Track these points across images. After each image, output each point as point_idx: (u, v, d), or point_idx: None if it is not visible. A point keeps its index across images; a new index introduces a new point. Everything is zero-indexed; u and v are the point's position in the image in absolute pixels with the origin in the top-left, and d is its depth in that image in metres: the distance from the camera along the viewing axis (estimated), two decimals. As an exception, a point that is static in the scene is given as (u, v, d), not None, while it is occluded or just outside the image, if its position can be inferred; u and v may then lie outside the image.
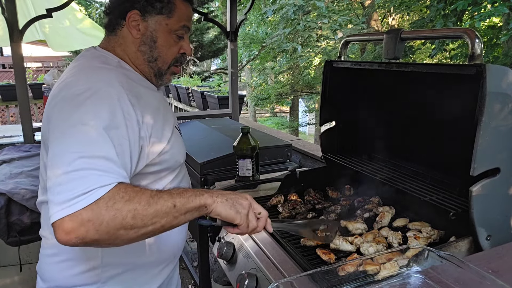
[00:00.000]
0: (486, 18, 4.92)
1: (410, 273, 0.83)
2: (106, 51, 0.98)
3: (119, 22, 0.97)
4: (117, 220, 0.71)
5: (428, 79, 1.18)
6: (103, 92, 0.82)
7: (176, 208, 0.76)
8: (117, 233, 0.72)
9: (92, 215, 0.69)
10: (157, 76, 1.01)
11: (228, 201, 0.82)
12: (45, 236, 0.97)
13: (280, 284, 0.75)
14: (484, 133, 0.89)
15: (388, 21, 9.68)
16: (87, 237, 0.69)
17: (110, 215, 0.70)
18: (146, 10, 0.94)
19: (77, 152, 0.73)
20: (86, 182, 0.71)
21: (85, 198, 0.70)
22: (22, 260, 1.88)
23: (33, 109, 5.39)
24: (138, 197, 0.74)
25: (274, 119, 15.88)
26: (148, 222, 0.74)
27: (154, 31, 0.96)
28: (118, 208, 0.71)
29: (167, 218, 0.76)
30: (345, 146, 1.53)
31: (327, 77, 1.44)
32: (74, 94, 0.81)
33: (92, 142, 0.76)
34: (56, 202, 0.70)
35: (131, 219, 0.72)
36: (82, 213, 0.69)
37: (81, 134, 0.76)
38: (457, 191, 1.12)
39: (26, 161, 1.97)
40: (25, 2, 4.69)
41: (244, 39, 10.17)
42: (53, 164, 0.74)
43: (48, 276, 0.95)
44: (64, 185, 0.71)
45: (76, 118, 0.77)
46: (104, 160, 0.75)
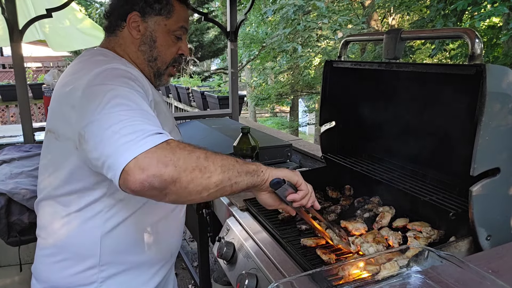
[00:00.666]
0: (486, 18, 4.92)
1: (410, 273, 0.83)
2: (107, 50, 1.01)
3: (120, 24, 0.99)
4: (192, 158, 0.69)
5: (428, 79, 1.18)
6: (124, 70, 0.85)
7: (238, 163, 0.77)
8: (192, 174, 0.68)
9: (168, 152, 0.67)
10: (156, 77, 1.04)
11: (278, 168, 0.87)
12: (41, 236, 0.96)
13: (280, 284, 0.75)
14: (484, 133, 0.89)
15: (388, 21, 9.68)
16: (165, 173, 0.66)
17: (185, 152, 0.69)
18: (145, 11, 0.97)
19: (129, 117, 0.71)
20: (149, 128, 0.70)
21: (155, 139, 0.68)
22: (22, 260, 1.88)
23: (33, 109, 5.39)
24: (197, 146, 0.75)
25: (274, 119, 15.88)
26: (218, 169, 0.73)
27: (154, 31, 0.99)
28: (190, 149, 0.71)
29: (232, 171, 0.75)
30: (345, 146, 1.54)
31: (327, 77, 1.44)
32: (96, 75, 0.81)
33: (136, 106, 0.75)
34: (125, 147, 0.66)
35: (204, 160, 0.71)
36: (157, 150, 0.66)
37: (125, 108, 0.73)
38: (457, 191, 1.12)
39: (26, 161, 1.97)
40: (25, 2, 4.69)
41: (244, 39, 10.17)
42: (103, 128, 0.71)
43: (44, 276, 0.94)
44: (127, 136, 0.68)
45: (110, 87, 0.77)
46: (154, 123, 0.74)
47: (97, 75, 0.82)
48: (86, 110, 0.76)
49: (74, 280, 0.90)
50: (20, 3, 3.71)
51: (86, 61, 0.94)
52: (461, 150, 0.97)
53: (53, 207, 0.92)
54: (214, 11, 9.61)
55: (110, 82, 0.79)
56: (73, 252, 0.90)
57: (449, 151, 1.19)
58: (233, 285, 1.19)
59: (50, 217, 0.92)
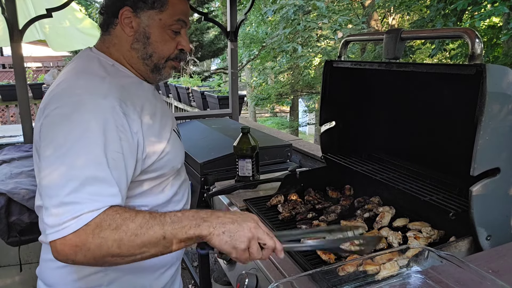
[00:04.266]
0: (486, 17, 4.92)
1: (410, 273, 0.83)
2: (101, 52, 0.97)
3: (113, 21, 0.95)
4: (102, 249, 0.72)
5: (428, 79, 1.18)
6: (95, 105, 0.81)
7: (166, 239, 0.75)
8: (103, 259, 0.74)
9: (79, 241, 0.72)
10: (155, 72, 0.99)
11: (226, 234, 0.76)
12: (46, 242, 0.95)
13: (280, 284, 0.74)
14: (484, 133, 0.88)
15: (388, 21, 9.68)
16: (76, 259, 0.73)
17: (96, 243, 0.72)
18: (137, 6, 0.92)
19: (69, 174, 0.74)
20: (75, 206, 0.72)
21: (73, 224, 0.72)
22: (22, 260, 1.88)
23: (33, 109, 5.39)
24: (125, 225, 0.73)
25: (274, 119, 15.87)
26: (135, 252, 0.74)
27: (147, 27, 0.93)
28: (104, 237, 0.72)
29: (156, 248, 0.75)
30: (345, 146, 1.53)
31: (327, 77, 1.44)
32: (65, 108, 0.81)
33: (84, 161, 0.76)
34: (50, 224, 0.73)
35: (117, 248, 0.73)
36: (71, 238, 0.71)
37: (72, 153, 0.76)
38: (457, 191, 1.12)
39: (26, 161, 1.97)
40: (25, 2, 4.69)
41: (244, 39, 10.17)
42: (46, 184, 0.75)
43: (51, 281, 0.95)
44: (56, 209, 0.73)
45: (67, 136, 0.77)
46: (96, 182, 0.75)
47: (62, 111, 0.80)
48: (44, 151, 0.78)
49: (81, 283, 0.92)
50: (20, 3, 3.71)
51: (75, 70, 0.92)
52: (461, 150, 0.97)
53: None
54: (214, 11, 9.61)
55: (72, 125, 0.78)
56: None
57: (449, 151, 1.19)
58: (233, 285, 1.18)
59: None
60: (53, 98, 0.84)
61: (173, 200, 1.03)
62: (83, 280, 0.92)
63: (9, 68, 9.52)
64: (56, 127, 0.79)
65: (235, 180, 1.64)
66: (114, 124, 0.81)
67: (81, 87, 0.85)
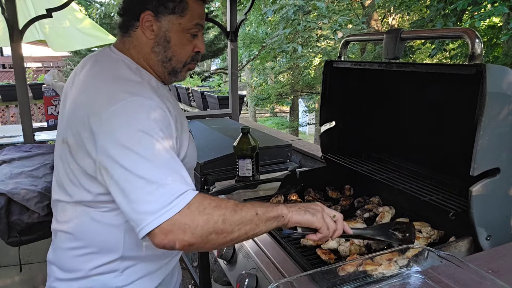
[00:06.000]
0: (486, 18, 4.92)
1: (410, 273, 0.83)
2: (123, 54, 0.98)
3: (133, 24, 0.97)
4: (209, 224, 0.76)
5: (428, 79, 1.18)
6: (147, 105, 0.85)
7: (258, 216, 0.82)
8: (209, 237, 0.77)
9: (187, 219, 0.75)
10: (172, 74, 1.02)
11: (301, 209, 0.87)
12: (66, 231, 0.98)
13: (280, 284, 0.75)
14: (484, 133, 0.89)
15: (388, 21, 9.68)
16: (184, 240, 0.75)
17: (203, 219, 0.76)
18: (158, 10, 0.94)
19: (150, 162, 0.78)
20: (172, 188, 0.76)
21: (178, 203, 0.75)
22: (22, 260, 1.88)
23: (33, 109, 5.39)
24: (224, 204, 0.80)
25: (274, 119, 15.87)
26: (235, 228, 0.80)
27: (167, 31, 0.96)
28: (209, 213, 0.77)
29: (250, 225, 0.82)
30: (345, 146, 1.54)
31: (327, 77, 1.44)
32: (120, 111, 0.83)
33: (160, 153, 0.80)
34: (150, 212, 0.74)
35: (222, 223, 0.77)
36: (178, 218, 0.75)
37: (145, 146, 0.79)
38: (457, 191, 1.12)
39: (26, 161, 1.97)
40: (25, 2, 4.69)
41: (244, 39, 10.16)
42: (127, 180, 0.77)
43: (69, 267, 0.99)
44: (151, 194, 0.75)
45: (133, 133, 0.80)
46: (179, 169, 0.80)
47: (122, 112, 0.83)
48: (109, 148, 0.80)
49: (99, 270, 0.96)
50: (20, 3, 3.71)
51: (108, 73, 0.93)
52: (461, 150, 0.97)
53: (79, 208, 0.95)
54: (214, 11, 9.60)
55: (139, 125, 0.81)
56: (99, 247, 0.96)
57: (449, 151, 1.19)
58: (233, 285, 1.19)
59: (76, 216, 0.96)
60: (103, 103, 0.85)
61: None
62: (101, 267, 0.96)
63: (9, 68, 9.52)
64: (121, 129, 0.81)
65: (235, 180, 1.64)
66: (162, 119, 0.85)
67: (127, 90, 0.87)
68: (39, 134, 3.29)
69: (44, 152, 2.08)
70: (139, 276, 0.99)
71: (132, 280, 0.98)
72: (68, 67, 9.27)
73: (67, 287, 0.98)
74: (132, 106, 0.83)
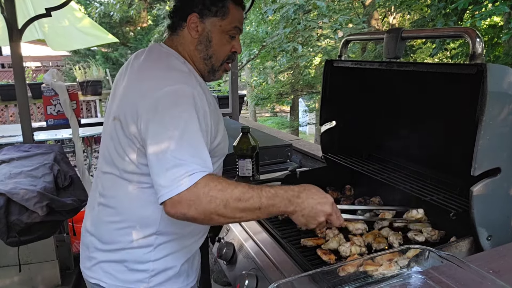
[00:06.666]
0: (487, 17, 4.91)
1: (410, 274, 0.82)
2: (172, 49, 1.11)
3: (181, 24, 1.11)
4: (212, 205, 0.85)
5: (428, 78, 1.18)
6: (191, 92, 0.96)
7: (260, 210, 0.89)
8: (210, 216, 0.87)
9: (193, 196, 0.85)
10: (211, 72, 1.15)
11: (304, 216, 0.93)
12: (109, 205, 1.08)
13: (280, 284, 0.74)
14: (485, 133, 0.88)
15: (388, 20, 9.67)
16: (188, 213, 0.86)
17: (206, 200, 0.85)
18: (203, 13, 1.07)
19: (177, 142, 0.88)
20: (186, 168, 0.86)
21: (187, 181, 0.85)
22: (22, 260, 1.87)
23: (32, 108, 5.38)
24: (230, 189, 0.87)
25: (274, 119, 15.86)
26: (236, 215, 0.89)
27: (210, 32, 1.09)
28: (213, 195, 0.85)
29: (251, 215, 0.91)
30: (346, 146, 1.53)
31: (328, 77, 1.43)
32: (168, 94, 0.95)
33: (189, 134, 0.90)
34: (164, 185, 0.86)
35: (223, 208, 0.86)
36: (185, 194, 0.85)
37: (179, 126, 0.90)
38: (457, 191, 1.12)
39: (26, 161, 1.97)
40: (24, 2, 4.67)
41: (244, 39, 10.14)
42: (157, 153, 0.89)
43: (108, 238, 1.08)
44: (169, 171, 0.86)
45: (174, 113, 0.92)
46: (199, 150, 0.90)
47: (168, 95, 0.95)
48: (150, 124, 0.93)
49: (135, 243, 1.06)
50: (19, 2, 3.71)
51: (161, 63, 1.07)
52: (461, 150, 0.97)
53: (124, 182, 1.05)
54: (214, 11, 9.58)
55: (179, 109, 0.93)
56: (138, 222, 1.05)
57: (450, 151, 1.19)
58: (233, 285, 1.18)
59: (119, 191, 1.06)
60: (155, 85, 0.97)
61: None
62: (139, 241, 1.05)
63: (8, 67, 9.51)
64: (164, 107, 0.93)
65: (235, 180, 1.64)
66: (202, 109, 0.97)
67: (177, 78, 1.01)
68: (38, 134, 3.29)
69: (44, 152, 2.07)
70: (169, 252, 1.08)
71: (162, 256, 1.07)
72: (67, 66, 9.25)
73: (105, 258, 1.08)
74: (177, 91, 0.95)
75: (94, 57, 9.30)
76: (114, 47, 9.53)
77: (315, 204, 0.93)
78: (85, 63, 6.08)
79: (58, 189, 1.83)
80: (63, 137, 3.73)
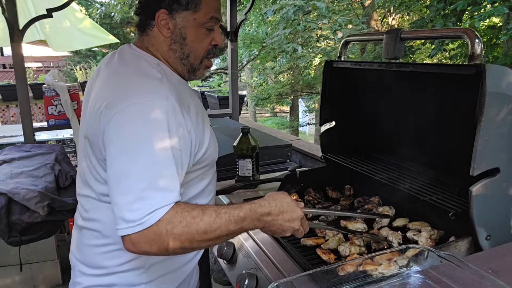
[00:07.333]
0: (485, 18, 4.91)
1: (410, 273, 0.83)
2: (142, 51, 0.99)
3: (149, 23, 0.98)
4: (176, 243, 0.79)
5: (428, 79, 1.18)
6: (160, 106, 0.84)
7: (228, 236, 0.86)
8: (174, 251, 0.80)
9: (154, 235, 0.77)
10: (191, 72, 1.02)
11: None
12: (91, 229, 1.00)
13: (280, 284, 0.75)
14: (484, 133, 0.89)
15: (388, 21, 9.67)
16: (150, 251, 0.79)
17: (169, 238, 0.78)
18: (172, 8, 0.94)
19: (142, 171, 0.79)
20: (149, 203, 0.78)
21: (148, 219, 0.77)
22: (23, 260, 1.88)
23: (34, 109, 5.39)
24: (195, 224, 0.80)
25: (274, 119, 15.86)
26: (203, 245, 0.86)
27: (183, 28, 0.96)
28: (177, 233, 0.78)
29: (221, 240, 0.86)
30: (345, 146, 1.54)
31: (327, 77, 1.44)
32: (131, 109, 0.83)
33: (155, 159, 0.80)
34: (125, 219, 0.78)
35: (188, 243, 0.80)
36: (145, 233, 0.77)
37: (143, 152, 0.80)
38: (457, 191, 1.12)
39: (27, 161, 1.98)
40: (26, 2, 4.68)
41: (244, 39, 10.15)
42: (117, 180, 0.80)
43: (95, 263, 1.00)
44: (131, 204, 0.78)
45: (136, 135, 0.81)
46: (165, 178, 0.80)
47: (132, 113, 0.83)
48: (110, 145, 0.83)
49: (125, 266, 0.97)
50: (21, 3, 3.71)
51: (129, 68, 0.95)
52: (461, 150, 0.97)
53: (105, 204, 0.95)
54: (214, 11, 9.59)
55: (144, 129, 0.82)
56: None
57: (449, 151, 1.19)
58: (233, 285, 1.19)
59: (102, 213, 0.96)
60: (116, 100, 0.86)
61: (206, 191, 1.06)
62: (128, 263, 0.97)
63: (9, 68, 9.51)
64: (124, 128, 0.82)
65: (235, 180, 1.65)
66: (175, 123, 0.85)
67: (143, 89, 0.87)
68: (40, 134, 3.29)
69: (45, 152, 2.08)
70: (163, 273, 1.01)
71: (156, 277, 0.99)
72: (68, 67, 9.27)
73: (91, 283, 0.99)
74: (144, 106, 0.83)
75: (95, 57, 9.31)
76: (115, 47, 9.52)
77: (284, 222, 0.91)
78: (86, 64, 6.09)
79: (59, 189, 1.84)
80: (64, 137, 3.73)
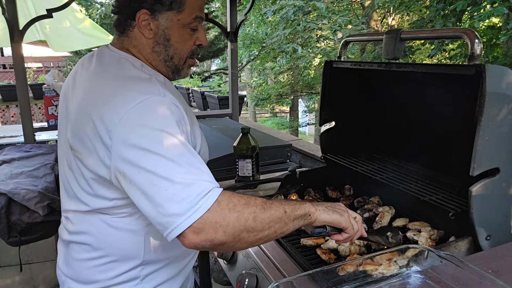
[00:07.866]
0: (485, 18, 4.92)
1: (410, 273, 0.83)
2: (124, 52, 0.94)
3: (129, 23, 0.92)
4: (240, 222, 0.74)
5: (427, 79, 1.18)
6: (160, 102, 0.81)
7: (286, 214, 0.80)
8: (240, 235, 0.74)
9: (218, 217, 0.72)
10: (175, 73, 0.99)
11: (328, 208, 0.87)
12: (80, 242, 0.94)
13: (280, 284, 0.75)
14: (484, 133, 0.89)
15: (387, 21, 9.68)
16: (215, 238, 0.73)
17: (234, 216, 0.73)
18: (155, 8, 0.89)
19: (172, 163, 0.74)
20: (198, 187, 0.73)
21: (205, 201, 0.72)
22: (23, 260, 1.88)
23: (34, 109, 5.39)
24: (253, 201, 0.77)
25: (274, 119, 15.87)
26: (265, 226, 0.77)
27: (167, 29, 0.91)
28: (240, 210, 0.74)
29: (279, 223, 0.79)
30: (345, 146, 1.54)
31: (327, 78, 1.44)
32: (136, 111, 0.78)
33: (183, 151, 0.76)
34: (178, 213, 0.71)
35: (252, 221, 0.75)
36: (208, 216, 0.72)
37: (167, 145, 0.75)
38: (456, 191, 1.13)
39: (27, 161, 1.98)
40: (26, 3, 4.69)
41: (244, 40, 10.16)
42: (150, 183, 0.74)
43: (86, 278, 0.94)
44: (178, 195, 0.72)
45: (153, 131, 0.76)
46: (199, 163, 0.77)
47: (134, 112, 0.78)
48: (125, 153, 0.77)
49: (119, 279, 0.93)
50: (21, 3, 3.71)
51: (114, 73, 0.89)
52: (460, 150, 0.97)
53: (95, 216, 0.91)
54: (214, 11, 9.61)
55: (158, 124, 0.78)
56: (119, 255, 0.92)
57: (449, 151, 1.19)
58: (233, 285, 1.19)
59: (92, 225, 0.91)
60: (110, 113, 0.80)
61: None
62: (122, 276, 0.92)
63: (9, 68, 9.52)
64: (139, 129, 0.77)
65: (235, 180, 1.65)
66: (179, 117, 0.82)
67: (135, 91, 0.82)
68: (40, 134, 3.29)
69: (45, 152, 2.08)
70: (160, 281, 0.96)
71: (153, 287, 0.95)
72: (68, 67, 9.27)
73: None
74: (144, 106, 0.79)
75: (95, 58, 9.27)
76: (114, 48, 9.51)
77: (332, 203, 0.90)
78: (86, 64, 6.06)
79: (59, 189, 1.83)
80: (64, 137, 3.73)
